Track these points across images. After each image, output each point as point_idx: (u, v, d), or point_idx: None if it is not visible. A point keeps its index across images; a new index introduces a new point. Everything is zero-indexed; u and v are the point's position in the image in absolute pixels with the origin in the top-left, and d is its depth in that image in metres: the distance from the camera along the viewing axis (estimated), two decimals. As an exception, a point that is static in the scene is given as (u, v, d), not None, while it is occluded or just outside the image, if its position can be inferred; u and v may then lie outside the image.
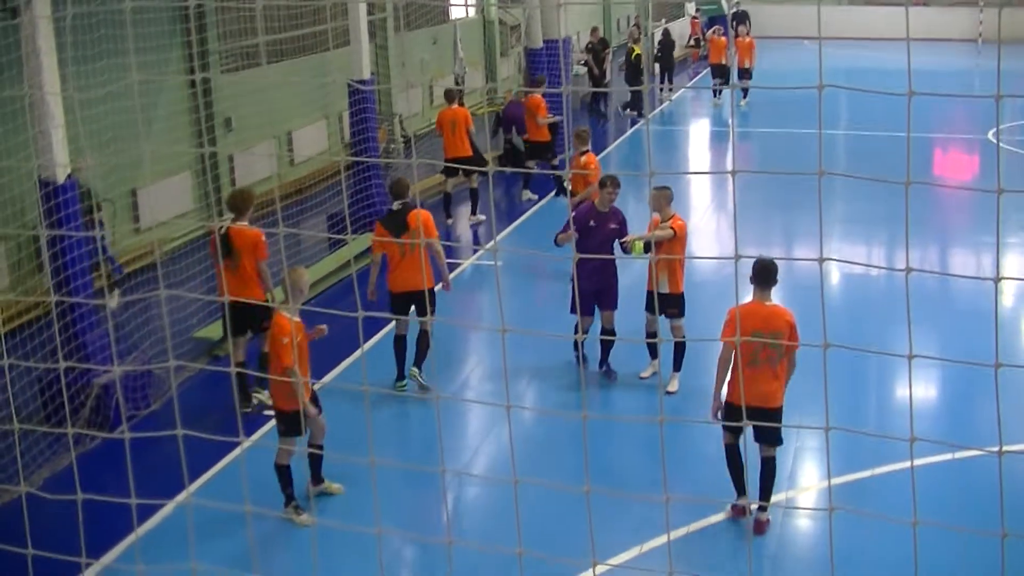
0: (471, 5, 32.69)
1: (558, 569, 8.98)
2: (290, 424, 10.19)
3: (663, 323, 12.98)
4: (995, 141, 25.85)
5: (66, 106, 12.28)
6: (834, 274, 16.91)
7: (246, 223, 12.48)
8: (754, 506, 10.09)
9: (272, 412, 11.03)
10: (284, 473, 10.34)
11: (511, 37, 33.15)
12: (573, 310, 13.02)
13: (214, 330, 14.40)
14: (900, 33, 28.54)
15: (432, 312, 12.68)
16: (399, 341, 13.08)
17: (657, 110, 33.28)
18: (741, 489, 10.07)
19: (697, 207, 21.47)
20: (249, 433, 11.96)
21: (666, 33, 35.73)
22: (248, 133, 20.72)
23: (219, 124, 19.75)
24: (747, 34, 34.46)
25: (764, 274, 9.69)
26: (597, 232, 13.01)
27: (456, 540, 9.35)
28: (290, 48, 22.03)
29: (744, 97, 33.26)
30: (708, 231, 20.29)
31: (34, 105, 11.90)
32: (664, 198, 12.55)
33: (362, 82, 19.06)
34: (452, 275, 14.18)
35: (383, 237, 12.80)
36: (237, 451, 11.13)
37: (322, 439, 10.44)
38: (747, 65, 33.40)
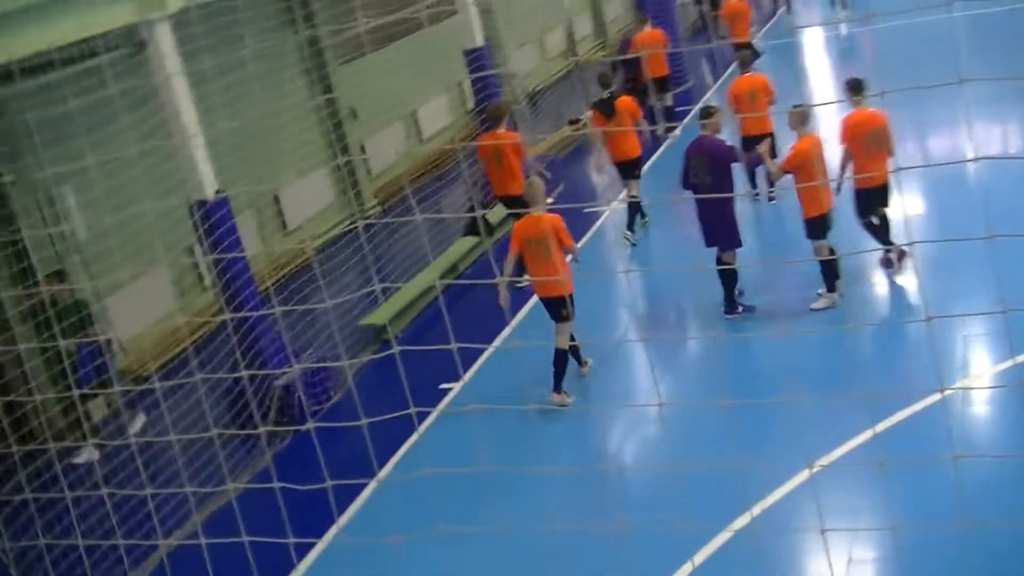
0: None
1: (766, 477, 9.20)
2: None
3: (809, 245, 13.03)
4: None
5: (203, 125, 12.78)
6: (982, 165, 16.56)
7: (503, 129, 15.85)
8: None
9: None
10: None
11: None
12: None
13: (379, 316, 14.81)
14: None
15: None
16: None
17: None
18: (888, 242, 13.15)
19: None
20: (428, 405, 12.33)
21: None
22: (375, 120, 21.11)
23: (346, 116, 20.16)
24: None
25: (857, 85, 13.00)
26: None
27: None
28: (401, 29, 22.33)
29: (844, 7, 31.40)
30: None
31: (174, 130, 12.41)
32: (795, 118, 12.71)
33: (476, 49, 19.29)
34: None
35: (597, 120, 16.75)
36: (424, 425, 11.55)
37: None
38: None
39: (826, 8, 32.79)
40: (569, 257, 12.47)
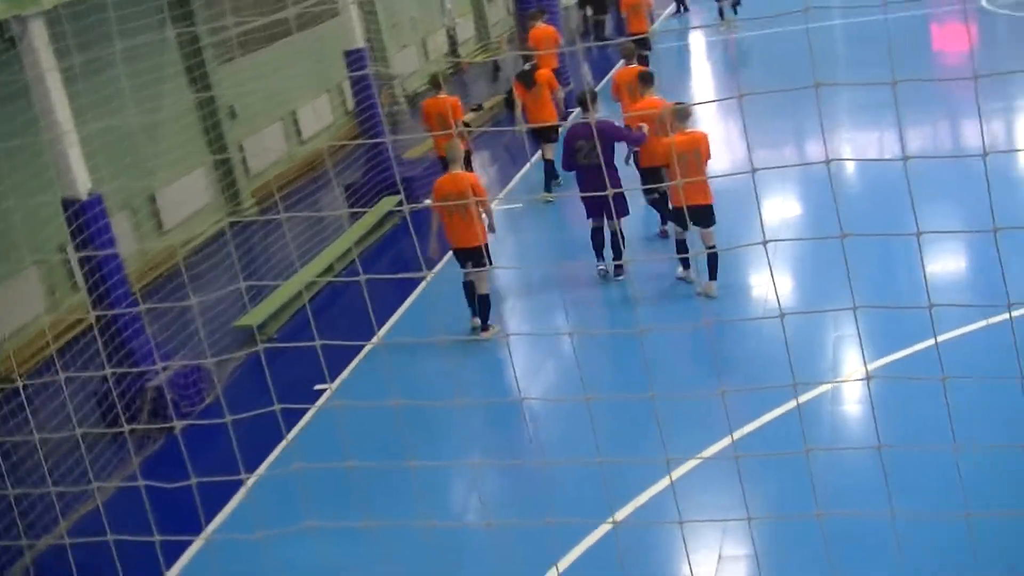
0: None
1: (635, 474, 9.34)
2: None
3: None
4: (990, 7, 25.88)
5: (77, 123, 12.59)
6: (848, 165, 17.08)
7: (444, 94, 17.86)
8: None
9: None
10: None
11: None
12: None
13: (254, 317, 14.73)
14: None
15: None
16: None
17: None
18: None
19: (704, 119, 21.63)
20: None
21: None
22: (254, 119, 21.00)
23: (224, 115, 20.01)
24: None
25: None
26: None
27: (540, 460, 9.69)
28: (281, 29, 22.24)
29: (735, 13, 31.32)
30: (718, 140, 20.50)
31: (47, 127, 12.22)
32: (671, 114, 13.41)
33: (357, 50, 19.27)
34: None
35: (518, 89, 18.69)
36: (298, 427, 11.53)
37: None
38: None
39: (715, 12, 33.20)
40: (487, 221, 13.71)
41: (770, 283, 13.53)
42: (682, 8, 34.31)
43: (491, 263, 13.67)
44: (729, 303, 13.44)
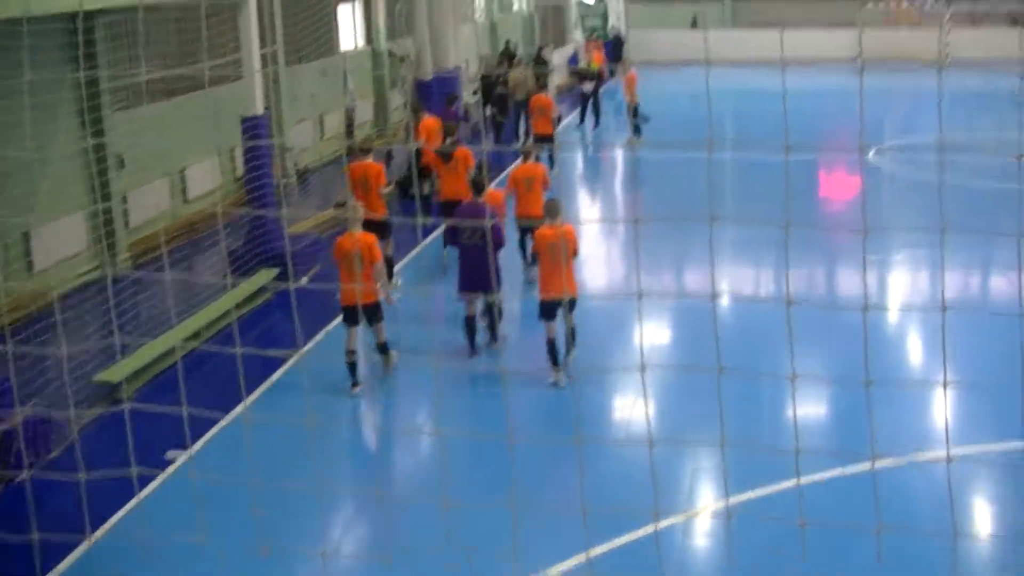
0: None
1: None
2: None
3: None
4: (876, 161, 26.74)
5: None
6: (725, 298, 17.47)
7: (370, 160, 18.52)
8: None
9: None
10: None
11: (401, 68, 33.38)
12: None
13: (115, 373, 14.44)
14: (782, 54, 29.26)
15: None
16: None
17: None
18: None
19: (591, 236, 21.93)
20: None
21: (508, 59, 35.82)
22: (141, 172, 20.77)
23: (112, 163, 19.76)
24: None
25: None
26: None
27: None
28: (182, 85, 22.12)
29: (638, 134, 31.91)
30: (602, 258, 20.81)
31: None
32: (547, 208, 14.81)
33: (255, 117, 19.23)
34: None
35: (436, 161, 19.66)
36: (137, 498, 11.27)
37: None
38: (637, 100, 31.73)
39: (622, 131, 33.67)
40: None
41: (633, 406, 13.71)
42: (593, 120, 34.78)
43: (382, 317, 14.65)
44: (595, 422, 13.49)
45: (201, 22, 21.32)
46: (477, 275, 14.97)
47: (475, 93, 33.59)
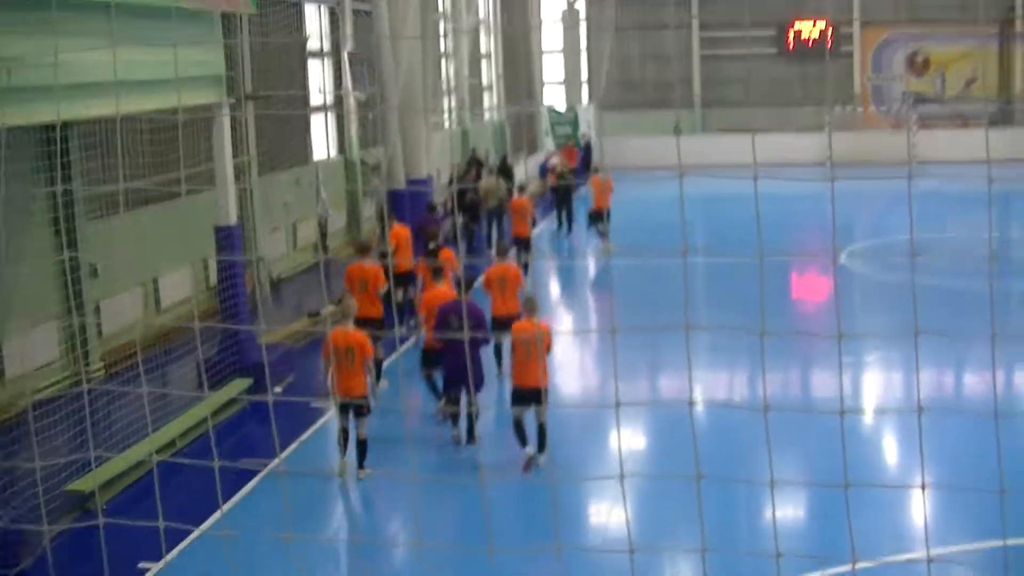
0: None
1: None
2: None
3: None
4: (848, 263, 26.99)
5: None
6: (700, 404, 17.55)
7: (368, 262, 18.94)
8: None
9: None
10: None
11: (372, 177, 33.57)
12: None
13: (87, 483, 14.33)
14: (751, 160, 29.54)
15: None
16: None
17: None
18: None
19: (566, 342, 22.01)
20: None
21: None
22: (115, 281, 20.78)
23: (86, 273, 19.77)
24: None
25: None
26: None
27: None
28: (156, 194, 22.21)
29: (606, 240, 32.12)
30: (577, 364, 20.89)
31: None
32: (524, 305, 15.79)
33: (228, 227, 19.31)
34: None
35: (422, 266, 19.96)
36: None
37: None
38: (607, 206, 31.97)
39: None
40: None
41: (611, 512, 13.69)
42: (565, 227, 35.07)
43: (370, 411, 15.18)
44: (573, 527, 13.46)
45: (176, 132, 21.49)
46: (458, 373, 15.40)
47: (446, 203, 33.86)
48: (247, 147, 25.94)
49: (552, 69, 54.40)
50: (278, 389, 18.70)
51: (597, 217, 31.96)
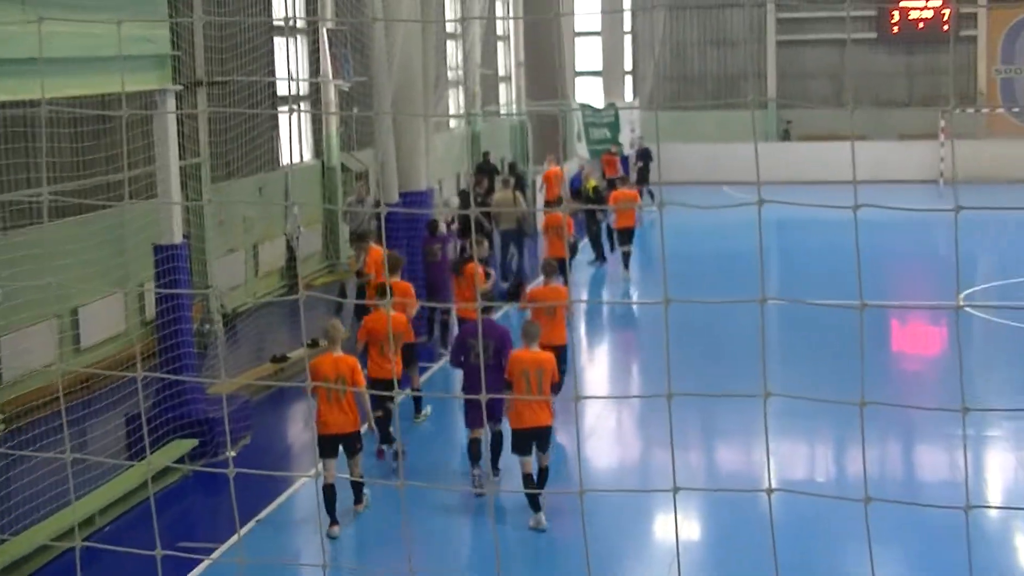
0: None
1: None
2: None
3: None
4: (968, 308, 26.78)
5: None
6: (774, 483, 17.30)
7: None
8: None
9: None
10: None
11: (358, 187, 33.56)
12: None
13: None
14: (844, 174, 29.38)
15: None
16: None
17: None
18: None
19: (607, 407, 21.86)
20: None
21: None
22: (20, 313, 20.67)
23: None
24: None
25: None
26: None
27: None
28: (76, 205, 22.11)
29: (626, 266, 32.75)
30: (615, 431, 20.78)
31: None
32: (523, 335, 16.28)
33: (172, 246, 19.21)
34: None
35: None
36: None
37: None
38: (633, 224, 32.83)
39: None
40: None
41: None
42: (600, 259, 35.00)
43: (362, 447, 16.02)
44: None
45: (104, 125, 21.47)
46: (488, 405, 15.92)
47: (452, 222, 33.80)
48: (197, 147, 25.90)
49: (587, 56, 54.39)
50: (231, 453, 18.57)
51: (622, 238, 32.44)
